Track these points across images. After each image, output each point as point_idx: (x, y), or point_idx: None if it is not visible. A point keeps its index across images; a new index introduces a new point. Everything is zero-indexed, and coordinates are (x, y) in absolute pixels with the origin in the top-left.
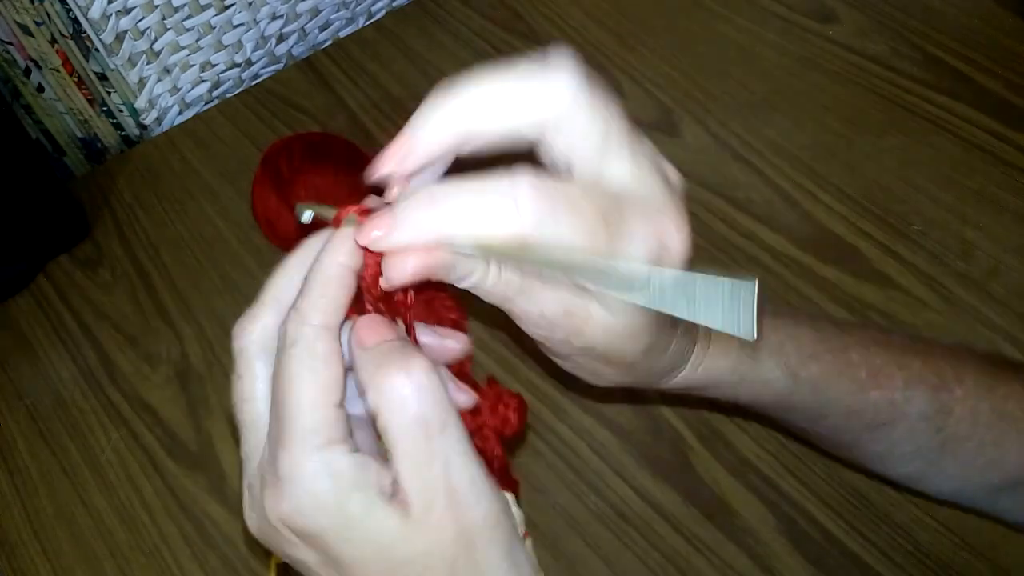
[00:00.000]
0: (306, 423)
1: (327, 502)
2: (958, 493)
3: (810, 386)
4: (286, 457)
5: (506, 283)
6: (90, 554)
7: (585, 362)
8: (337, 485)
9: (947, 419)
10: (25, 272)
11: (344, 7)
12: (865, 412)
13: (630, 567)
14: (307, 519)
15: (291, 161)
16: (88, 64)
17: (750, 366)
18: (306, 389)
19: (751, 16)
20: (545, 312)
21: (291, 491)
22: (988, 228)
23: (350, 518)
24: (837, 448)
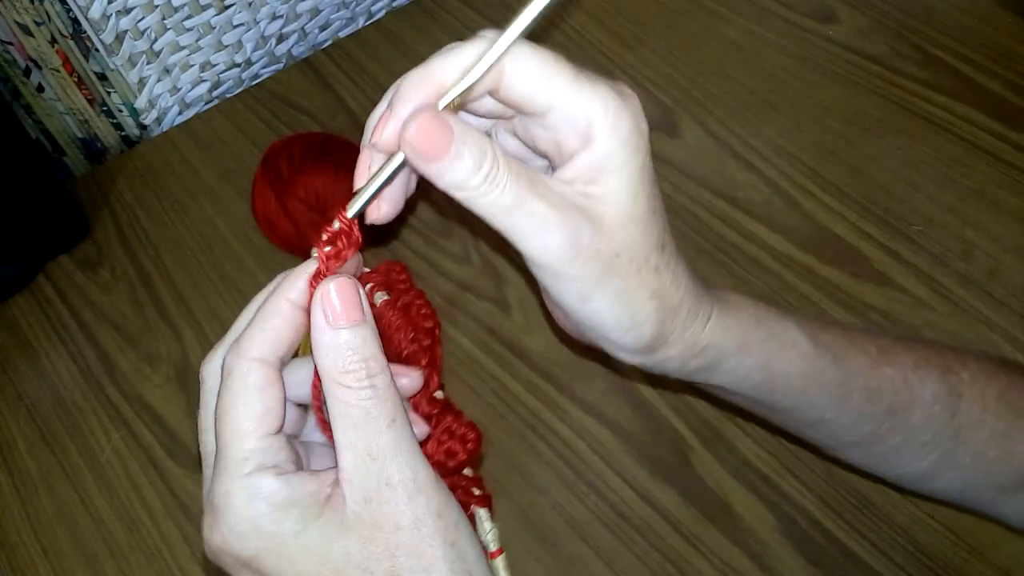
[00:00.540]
0: (237, 452)
1: (260, 525)
2: (966, 493)
3: (830, 353)
4: (219, 486)
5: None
6: (90, 554)
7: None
8: (269, 506)
9: (959, 403)
10: (25, 272)
11: (344, 7)
12: (883, 391)
13: (630, 567)
14: (242, 544)
15: (291, 161)
16: (88, 64)
17: (772, 319)
18: (238, 419)
19: (751, 16)
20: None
21: (224, 518)
22: (988, 228)
23: (285, 535)
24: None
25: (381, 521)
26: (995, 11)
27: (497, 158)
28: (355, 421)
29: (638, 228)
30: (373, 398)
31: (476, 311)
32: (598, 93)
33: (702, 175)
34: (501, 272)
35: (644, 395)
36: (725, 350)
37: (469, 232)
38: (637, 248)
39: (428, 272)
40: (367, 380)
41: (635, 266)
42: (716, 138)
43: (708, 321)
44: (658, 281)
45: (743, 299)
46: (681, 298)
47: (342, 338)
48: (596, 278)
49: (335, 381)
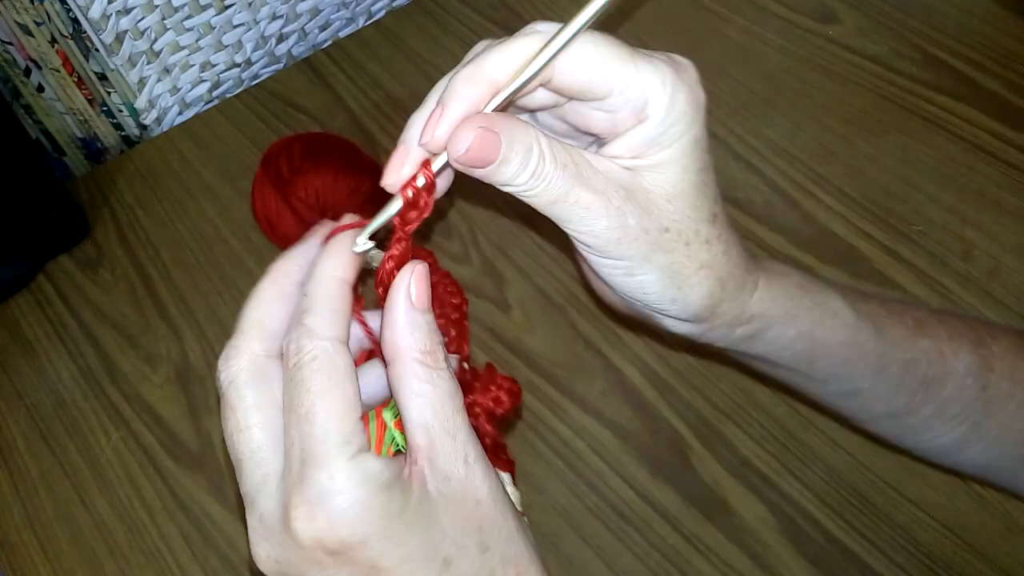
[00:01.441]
0: (337, 436)
1: (372, 506)
2: (990, 466)
3: (871, 323)
4: (321, 472)
5: (563, 164)
6: (90, 554)
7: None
8: (378, 486)
9: (990, 376)
10: (25, 272)
11: (344, 7)
12: (920, 363)
13: (630, 567)
14: (351, 528)
15: (291, 161)
16: (88, 64)
17: (815, 288)
18: (334, 403)
19: (751, 16)
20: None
21: (330, 505)
22: (988, 228)
23: (392, 516)
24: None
25: (463, 497)
26: (995, 11)
27: (543, 153)
28: (432, 400)
29: (686, 201)
30: (449, 379)
31: (476, 311)
32: (656, 69)
33: None
34: (501, 272)
35: (644, 395)
36: (771, 319)
37: (469, 232)
38: (687, 221)
39: None
40: (443, 361)
41: (684, 240)
42: (716, 138)
43: (756, 291)
44: (709, 253)
45: (786, 267)
46: (731, 270)
47: (427, 319)
48: (644, 255)
49: (415, 359)
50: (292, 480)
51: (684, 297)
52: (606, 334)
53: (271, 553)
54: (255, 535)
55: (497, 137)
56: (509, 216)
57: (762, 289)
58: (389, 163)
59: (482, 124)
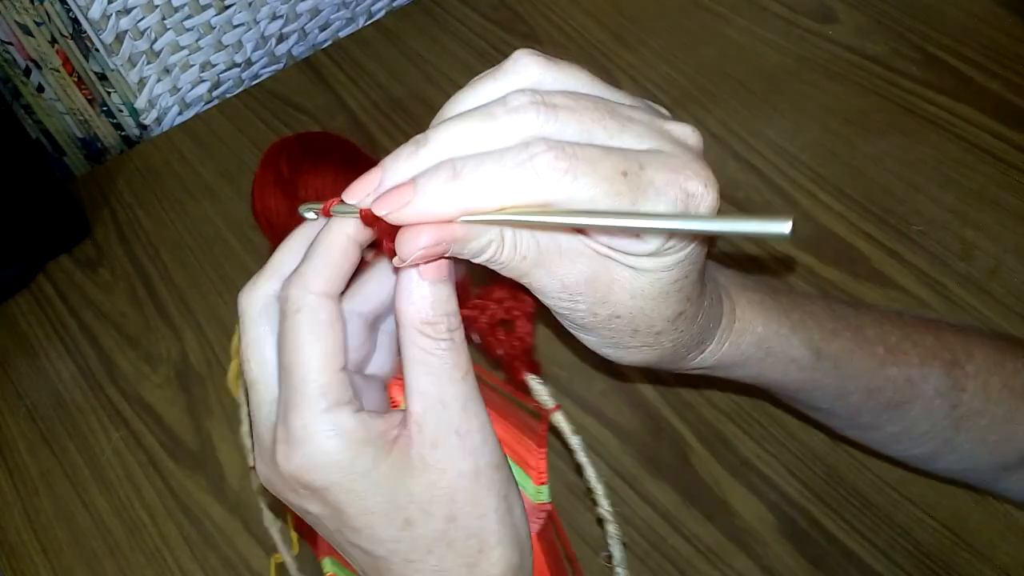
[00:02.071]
0: (313, 387)
1: (337, 459)
2: (967, 472)
3: (832, 362)
4: (297, 419)
5: (522, 257)
6: (90, 554)
7: (610, 335)
8: (347, 442)
9: (961, 396)
10: (25, 272)
11: (344, 7)
12: (885, 390)
13: (630, 567)
14: (317, 474)
15: (291, 161)
16: (88, 64)
17: (776, 341)
18: (312, 355)
19: (751, 16)
20: (566, 283)
21: (302, 450)
22: (988, 228)
23: (357, 472)
24: (854, 429)
25: (446, 466)
26: (995, 11)
27: (502, 246)
28: (431, 369)
29: (650, 303)
30: (451, 350)
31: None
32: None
33: None
34: None
35: (644, 395)
36: (713, 369)
37: None
38: (643, 318)
39: None
40: (447, 333)
41: (632, 328)
42: (716, 138)
43: (702, 354)
44: (655, 340)
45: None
46: (676, 350)
47: (435, 290)
48: (589, 327)
49: (416, 329)
50: (279, 417)
51: (619, 358)
52: None
53: (262, 471)
54: (255, 452)
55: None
56: None
57: (708, 352)
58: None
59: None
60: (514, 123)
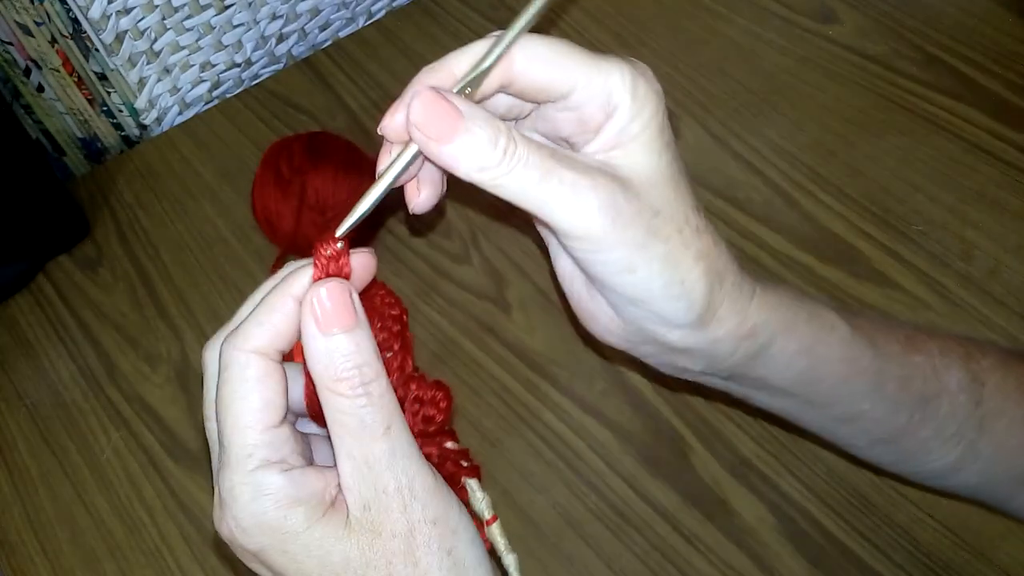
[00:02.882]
0: (239, 447)
1: (265, 521)
2: (982, 487)
3: (866, 339)
4: (224, 480)
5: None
6: (90, 554)
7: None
8: (274, 503)
9: (982, 391)
10: (25, 272)
11: (344, 7)
12: (914, 379)
13: (630, 567)
14: (247, 538)
15: (291, 161)
16: (88, 64)
17: (809, 301)
18: (238, 413)
19: (751, 16)
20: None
21: (231, 512)
22: (988, 228)
23: (288, 533)
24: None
25: (379, 528)
26: (995, 11)
27: (512, 132)
28: (350, 429)
29: (670, 187)
30: (368, 406)
31: (476, 311)
32: (613, 65)
33: (702, 175)
34: (501, 272)
35: (644, 395)
36: (772, 331)
37: (469, 232)
38: (675, 207)
39: (428, 272)
40: (361, 388)
41: (676, 226)
42: (716, 138)
43: (753, 296)
44: (702, 242)
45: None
46: (725, 263)
47: (334, 344)
48: (640, 242)
49: (328, 388)
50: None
51: (687, 292)
52: None
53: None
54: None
55: (454, 106)
56: (510, 221)
57: (760, 296)
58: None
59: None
60: None
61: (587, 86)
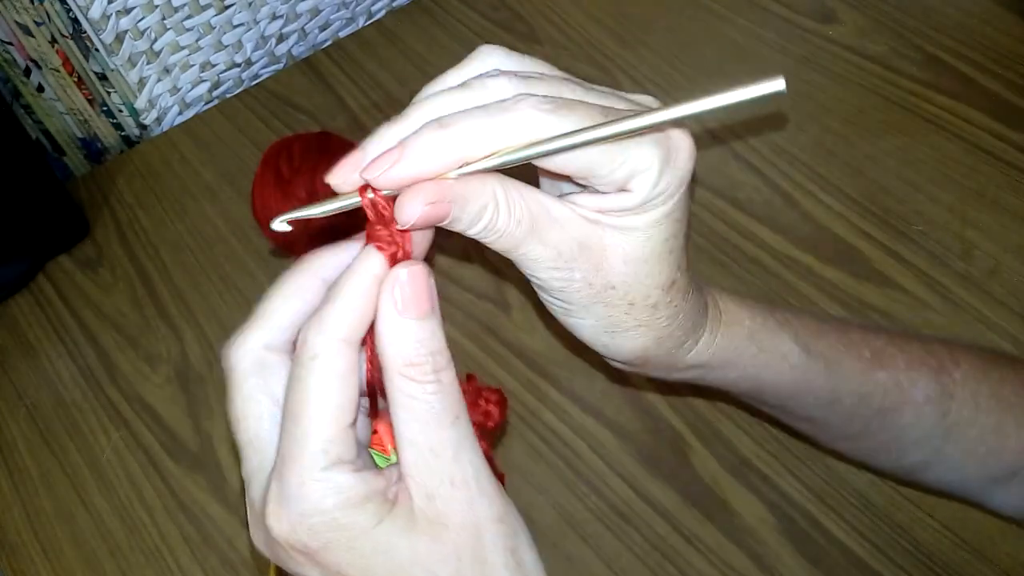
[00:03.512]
0: (315, 442)
1: (335, 519)
2: (957, 485)
3: (823, 361)
4: (293, 475)
5: (516, 222)
6: (90, 554)
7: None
8: (346, 502)
9: (950, 403)
10: (25, 272)
11: (344, 7)
12: (874, 395)
13: (630, 567)
14: (312, 535)
15: (291, 161)
16: (88, 64)
17: (765, 335)
18: (321, 407)
19: (751, 16)
20: (561, 251)
21: (297, 508)
22: (988, 228)
23: (358, 531)
24: (846, 439)
25: (445, 520)
26: (995, 11)
27: (497, 210)
28: (418, 416)
29: (643, 267)
30: (438, 393)
31: (476, 311)
32: (646, 153)
33: (702, 175)
34: (501, 272)
35: (644, 395)
36: (709, 368)
37: None
38: (638, 286)
39: None
40: (432, 375)
41: (628, 300)
42: (716, 138)
43: (696, 345)
44: (651, 316)
45: (742, 311)
46: (671, 332)
47: (411, 328)
48: (583, 305)
49: (399, 372)
50: (274, 476)
51: (616, 346)
52: None
53: (258, 538)
54: (248, 517)
55: (447, 206)
56: None
57: (703, 343)
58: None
59: (433, 199)
60: (490, 89)
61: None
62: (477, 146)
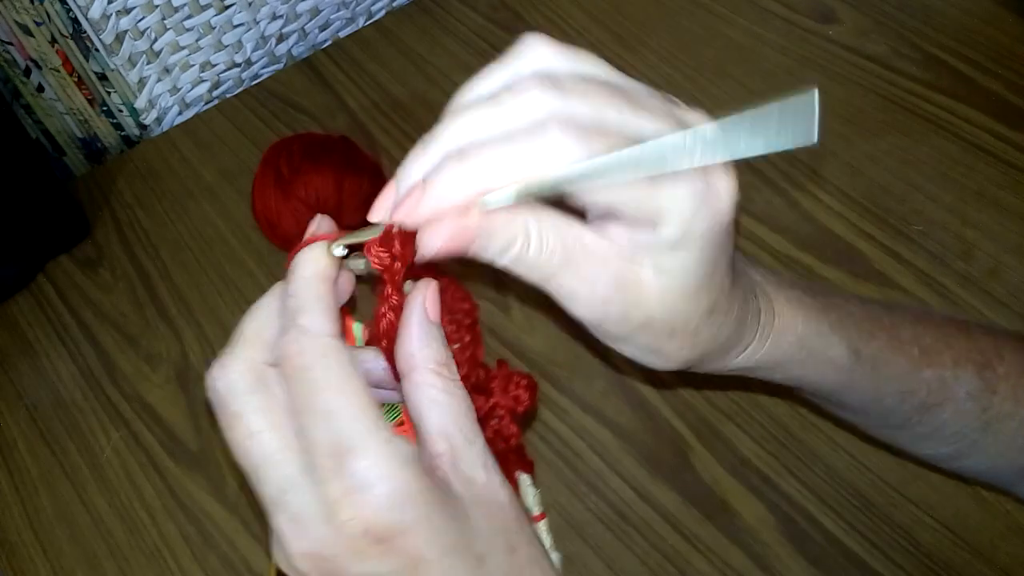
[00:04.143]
0: (370, 424)
1: (414, 491)
2: (988, 474)
3: (870, 364)
4: (359, 461)
5: (550, 253)
6: (90, 554)
7: (647, 340)
8: (418, 472)
9: (992, 398)
10: (25, 272)
11: (344, 7)
12: (918, 392)
13: (630, 567)
14: (396, 514)
15: (291, 161)
16: (88, 64)
17: (816, 341)
18: (355, 394)
19: (751, 16)
20: (596, 288)
21: (376, 491)
22: (988, 228)
23: (434, 504)
24: (884, 429)
25: (488, 500)
26: (995, 11)
27: (528, 242)
28: (449, 408)
29: (682, 300)
30: (463, 390)
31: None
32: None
33: None
34: (501, 272)
35: (644, 395)
36: (754, 370)
37: None
38: (678, 317)
39: None
40: (456, 373)
41: (668, 329)
42: None
43: (744, 351)
44: (693, 339)
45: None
46: (716, 345)
47: (439, 332)
48: (625, 335)
49: (430, 370)
50: (327, 475)
51: (661, 364)
52: None
53: (310, 550)
54: (289, 535)
55: (472, 234)
56: None
57: (750, 350)
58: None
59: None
60: (522, 105)
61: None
62: (498, 177)
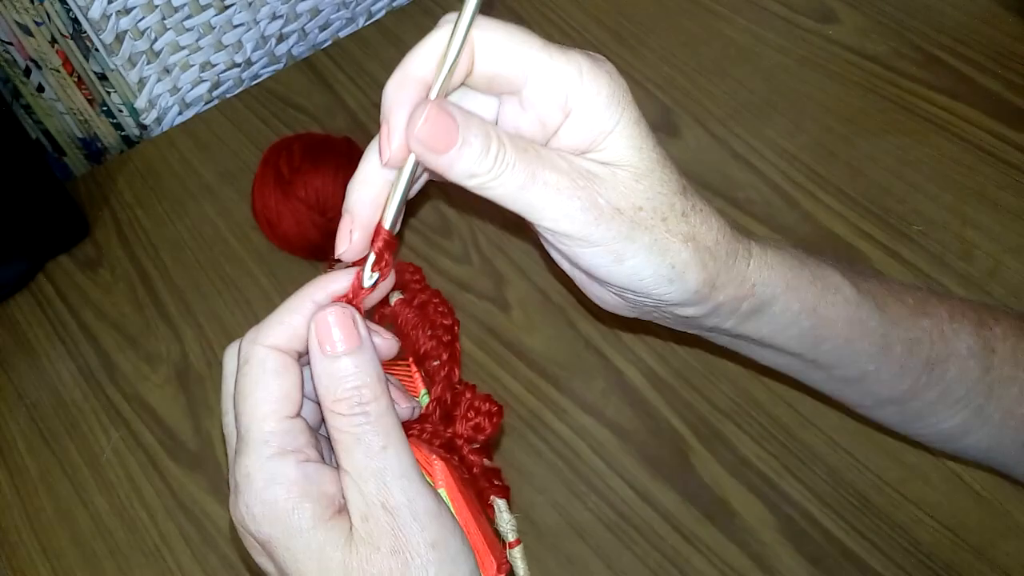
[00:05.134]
0: (257, 433)
1: (275, 510)
2: (992, 451)
3: (872, 301)
4: (241, 466)
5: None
6: (90, 554)
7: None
8: (286, 493)
9: (992, 358)
10: (25, 272)
11: (344, 7)
12: (922, 343)
13: (630, 567)
14: (256, 525)
15: (291, 161)
16: (88, 64)
17: (813, 264)
18: (256, 401)
19: (751, 16)
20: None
21: (244, 497)
22: (988, 228)
23: (294, 529)
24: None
25: (378, 542)
26: (995, 11)
27: (501, 137)
28: (346, 446)
29: (653, 178)
30: (364, 424)
31: (476, 311)
32: (569, 59)
33: (702, 175)
34: (501, 272)
35: (644, 395)
36: (774, 289)
37: (469, 232)
38: (659, 197)
39: (428, 272)
40: (358, 407)
41: (660, 215)
42: (716, 138)
43: (751, 258)
44: (688, 225)
45: (780, 242)
46: (716, 237)
47: (335, 365)
48: (625, 235)
49: (328, 408)
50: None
51: (680, 276)
52: (606, 334)
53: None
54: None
55: (452, 117)
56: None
57: (758, 256)
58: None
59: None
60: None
61: (539, 81)
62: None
